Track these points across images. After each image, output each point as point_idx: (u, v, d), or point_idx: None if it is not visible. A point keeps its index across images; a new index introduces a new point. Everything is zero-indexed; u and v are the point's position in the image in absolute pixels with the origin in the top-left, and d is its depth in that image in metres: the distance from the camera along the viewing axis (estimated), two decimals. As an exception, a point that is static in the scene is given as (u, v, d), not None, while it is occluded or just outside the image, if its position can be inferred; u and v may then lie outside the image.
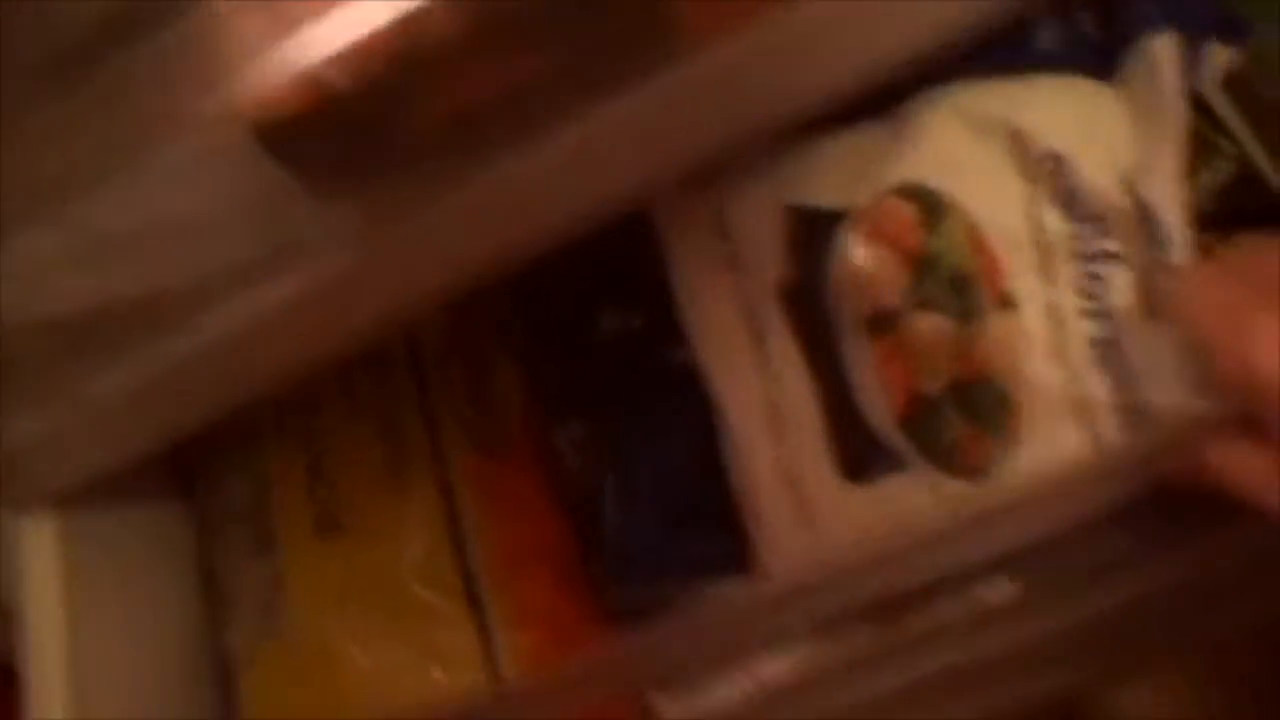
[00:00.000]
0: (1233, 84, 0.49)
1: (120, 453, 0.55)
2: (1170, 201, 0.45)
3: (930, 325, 0.48)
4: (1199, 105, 0.48)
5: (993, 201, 0.47)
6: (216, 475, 0.65)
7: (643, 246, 0.55)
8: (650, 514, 0.59)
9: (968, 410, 0.48)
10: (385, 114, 0.43)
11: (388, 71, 0.41)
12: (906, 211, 0.48)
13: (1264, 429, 0.42)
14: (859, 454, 0.51)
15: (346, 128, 0.43)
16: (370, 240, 0.46)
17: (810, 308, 0.50)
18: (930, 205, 0.48)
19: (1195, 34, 0.46)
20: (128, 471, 0.58)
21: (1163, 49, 0.45)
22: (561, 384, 0.62)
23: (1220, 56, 0.46)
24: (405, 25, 0.40)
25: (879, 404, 0.50)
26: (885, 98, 0.49)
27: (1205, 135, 0.49)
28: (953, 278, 0.47)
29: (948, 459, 0.49)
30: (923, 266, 0.48)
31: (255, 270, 0.47)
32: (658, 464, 0.59)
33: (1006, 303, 0.47)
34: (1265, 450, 0.42)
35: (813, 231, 0.50)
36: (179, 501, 0.66)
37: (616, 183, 0.44)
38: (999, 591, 0.50)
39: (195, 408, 0.53)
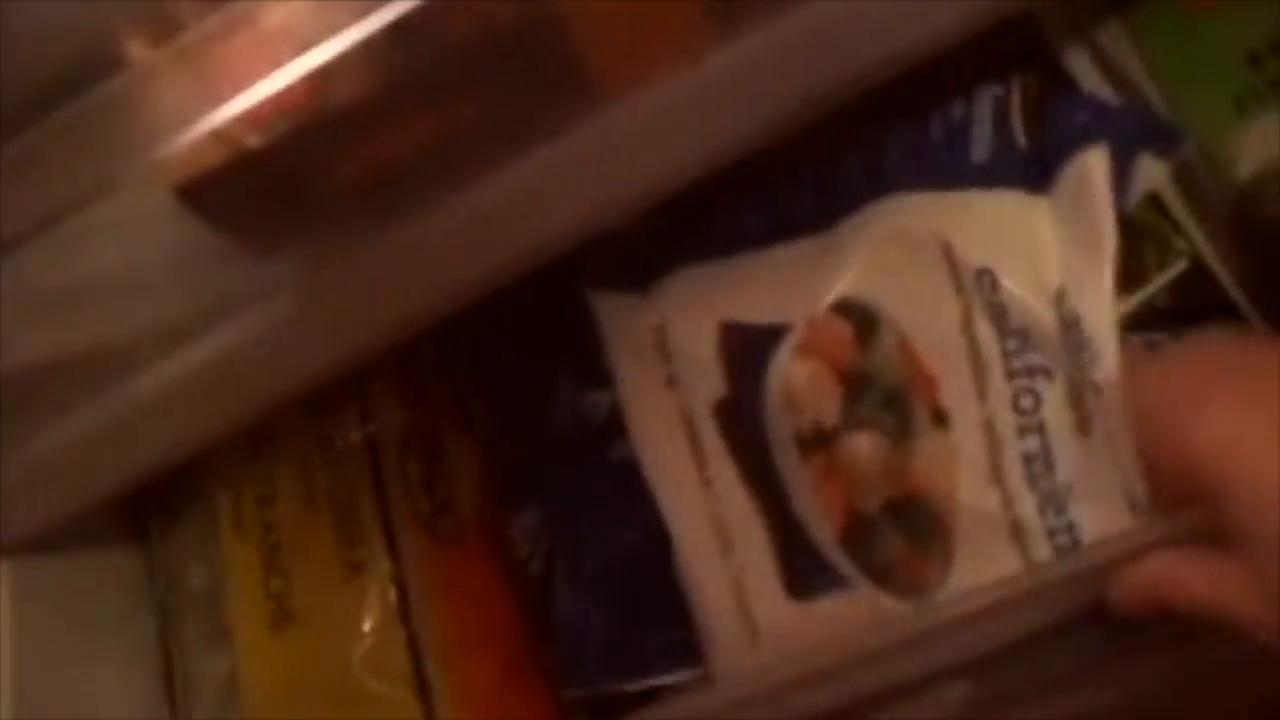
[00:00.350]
0: (1183, 181, 0.48)
1: (70, 505, 0.55)
2: (1101, 316, 0.44)
3: (865, 444, 0.48)
4: (1158, 206, 0.48)
5: (926, 317, 0.47)
6: (177, 563, 0.65)
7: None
8: (601, 608, 0.58)
9: (905, 530, 0.48)
10: (304, 170, 0.44)
11: (302, 128, 0.41)
12: (842, 328, 0.48)
13: (1207, 531, 0.41)
14: (803, 571, 0.50)
15: (266, 185, 0.44)
16: (301, 294, 0.47)
17: (747, 426, 0.50)
18: (865, 321, 0.48)
19: (1128, 147, 0.45)
20: (90, 547, 0.59)
21: (1094, 163, 0.45)
22: (516, 473, 0.62)
23: (1152, 169, 0.45)
24: (317, 83, 0.40)
25: (819, 522, 0.49)
26: (821, 211, 0.49)
27: (1164, 235, 0.49)
28: (887, 395, 0.47)
29: (888, 578, 0.49)
30: (858, 384, 0.48)
31: (193, 325, 0.48)
32: (610, 557, 0.58)
33: (940, 420, 0.47)
34: (1213, 559, 0.41)
35: (748, 349, 0.50)
36: (142, 585, 0.66)
37: (542, 231, 0.45)
38: (957, 694, 0.50)
39: (145, 458, 0.53)
